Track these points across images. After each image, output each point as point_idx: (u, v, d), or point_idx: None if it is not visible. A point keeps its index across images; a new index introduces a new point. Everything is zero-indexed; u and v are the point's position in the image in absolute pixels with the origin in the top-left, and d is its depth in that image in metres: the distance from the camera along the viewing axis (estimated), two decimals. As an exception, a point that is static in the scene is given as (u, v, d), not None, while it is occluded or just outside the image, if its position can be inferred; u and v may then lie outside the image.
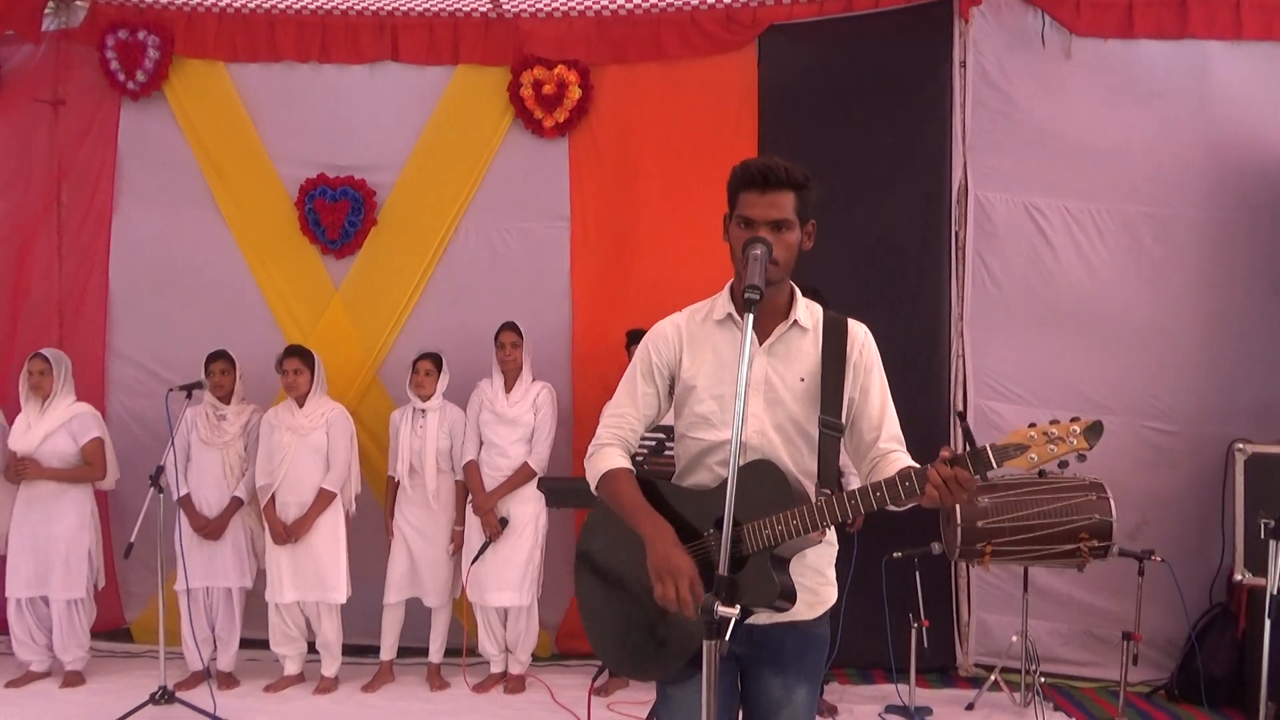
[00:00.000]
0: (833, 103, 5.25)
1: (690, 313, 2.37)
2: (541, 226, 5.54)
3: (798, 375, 2.25)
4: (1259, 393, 5.02)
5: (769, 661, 2.26)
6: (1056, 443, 1.91)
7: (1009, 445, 1.93)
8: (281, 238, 5.50)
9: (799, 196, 2.18)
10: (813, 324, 2.29)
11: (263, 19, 5.48)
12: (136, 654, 5.40)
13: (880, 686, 4.94)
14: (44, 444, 4.84)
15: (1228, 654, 4.79)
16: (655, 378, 2.33)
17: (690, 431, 2.29)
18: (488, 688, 4.96)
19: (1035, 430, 1.93)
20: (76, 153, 5.59)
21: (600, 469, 2.30)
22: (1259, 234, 5.07)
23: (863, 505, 2.03)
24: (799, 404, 2.24)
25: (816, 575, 2.29)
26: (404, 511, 5.02)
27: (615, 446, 2.33)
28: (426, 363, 5.02)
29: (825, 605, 2.32)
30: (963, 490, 1.93)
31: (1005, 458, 1.92)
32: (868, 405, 2.28)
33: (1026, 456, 1.92)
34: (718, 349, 2.28)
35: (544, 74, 5.34)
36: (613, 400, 2.38)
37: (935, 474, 1.94)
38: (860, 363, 2.28)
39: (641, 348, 2.37)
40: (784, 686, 2.26)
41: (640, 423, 2.34)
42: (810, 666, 2.31)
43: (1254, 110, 5.05)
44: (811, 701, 2.30)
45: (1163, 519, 5.00)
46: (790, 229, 2.17)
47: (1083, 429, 1.91)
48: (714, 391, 2.25)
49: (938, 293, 5.23)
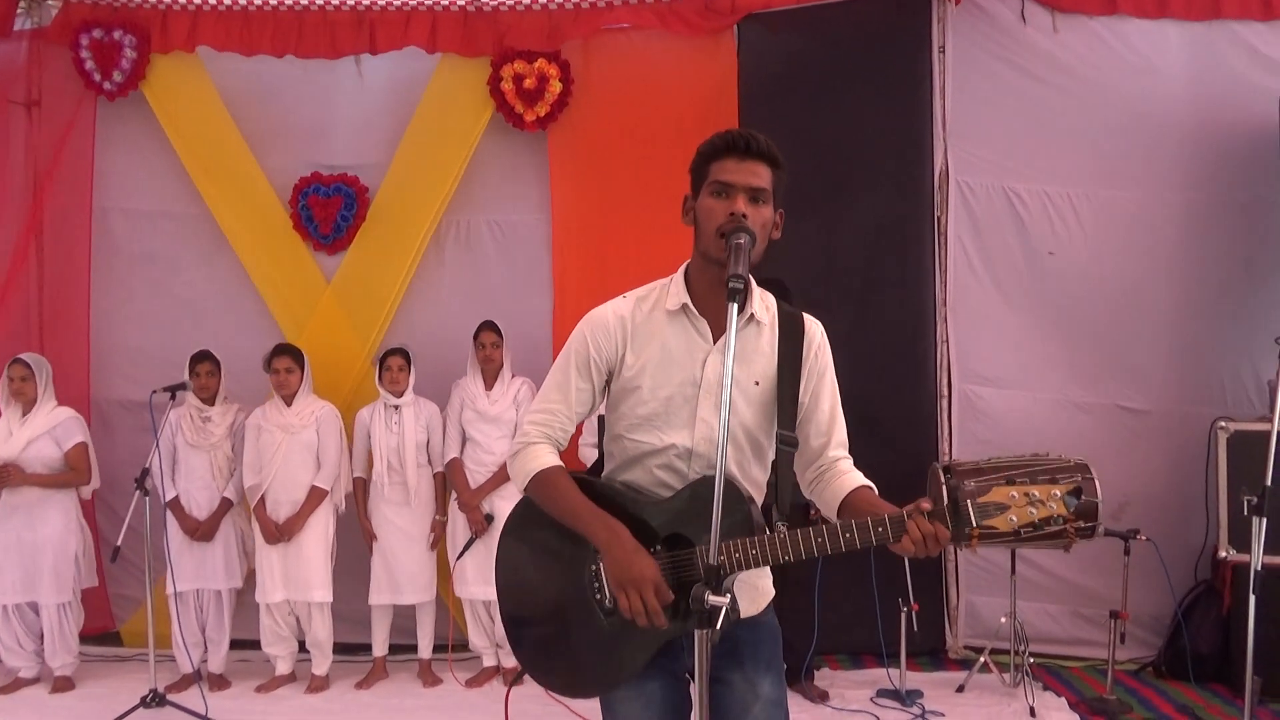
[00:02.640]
0: (813, 90, 5.25)
1: (636, 300, 2.15)
2: (523, 219, 5.54)
3: (753, 378, 2.07)
4: (1239, 371, 5.07)
5: (725, 662, 2.08)
6: (1037, 505, 1.90)
7: (990, 504, 1.90)
8: (271, 234, 5.46)
9: (776, 175, 2.03)
10: (769, 319, 2.11)
11: (239, 15, 5.43)
12: (126, 658, 5.37)
13: (871, 671, 4.97)
14: (27, 450, 4.79)
15: (1213, 630, 4.84)
16: (591, 372, 2.12)
17: (630, 433, 2.10)
18: (481, 682, 4.97)
19: (1016, 490, 1.90)
20: (53, 154, 5.53)
21: (530, 469, 2.09)
22: (1236, 214, 5.11)
23: (830, 545, 1.89)
24: (751, 409, 2.07)
25: (752, 571, 2.08)
26: (382, 510, 5.00)
27: (545, 444, 2.12)
28: (397, 359, 5.00)
29: (767, 597, 2.19)
30: (939, 547, 1.88)
31: (985, 516, 1.90)
32: (818, 410, 2.13)
33: (1006, 517, 1.90)
34: (667, 344, 2.07)
35: (524, 68, 5.32)
36: (540, 393, 2.18)
37: (915, 529, 1.87)
38: (815, 366, 2.12)
39: (577, 336, 2.15)
40: (746, 681, 2.09)
41: (571, 421, 2.14)
42: (767, 655, 2.14)
43: (1230, 92, 5.08)
44: (780, 695, 2.13)
45: (1147, 498, 5.04)
46: (766, 203, 2.01)
47: (1062, 495, 1.91)
48: (660, 393, 2.05)
49: (921, 278, 5.25)
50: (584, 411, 2.16)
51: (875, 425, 4.48)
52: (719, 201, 2.01)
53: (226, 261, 5.50)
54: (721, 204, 2.00)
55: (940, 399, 5.23)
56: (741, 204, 1.99)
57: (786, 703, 2.17)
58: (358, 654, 5.22)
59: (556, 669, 2.14)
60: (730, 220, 1.98)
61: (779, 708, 2.12)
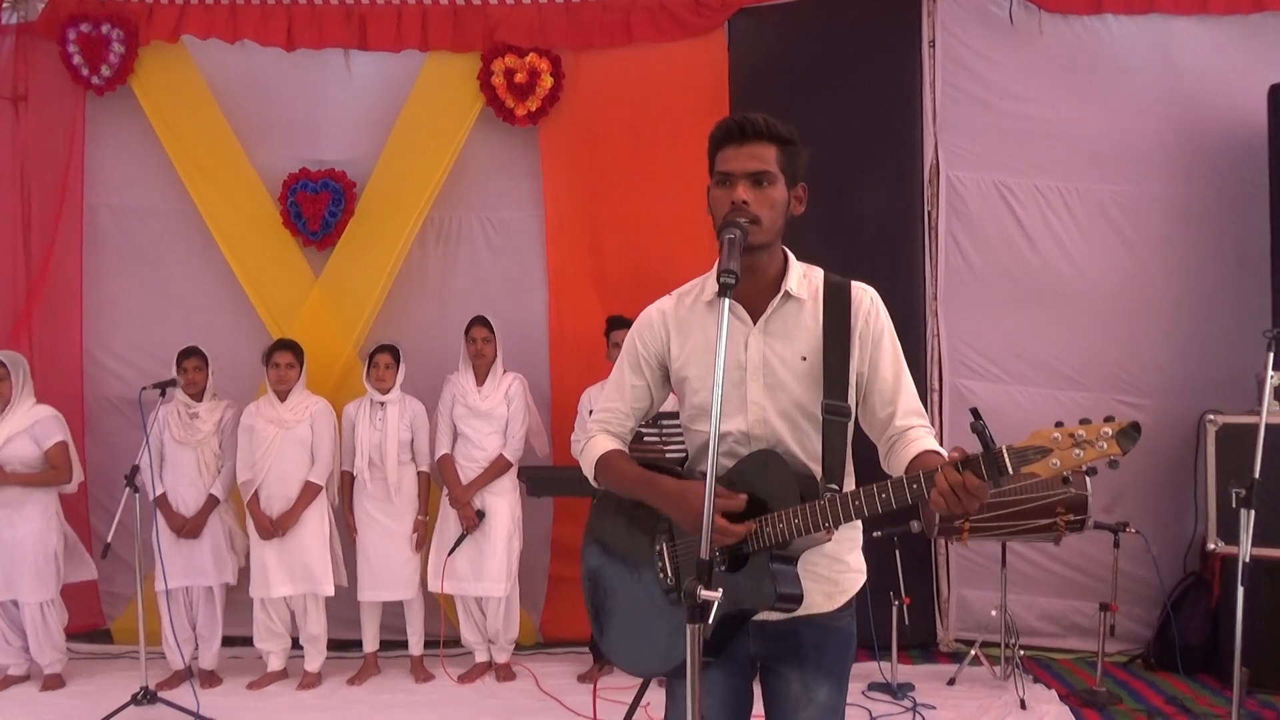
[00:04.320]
0: (803, 85, 5.25)
1: (679, 296, 2.19)
2: (515, 215, 5.54)
3: (798, 353, 2.04)
4: (1228, 365, 5.08)
5: (786, 658, 2.09)
6: (1084, 446, 1.65)
7: (1028, 448, 1.68)
8: (260, 229, 5.44)
9: (783, 151, 2.02)
10: (810, 292, 2.08)
11: (226, 9, 5.41)
12: (117, 655, 5.35)
13: (863, 664, 4.95)
14: (5, 448, 4.74)
15: (1202, 622, 4.87)
16: (644, 369, 2.18)
17: (692, 423, 2.14)
18: (473, 678, 4.96)
19: (1060, 432, 1.67)
20: (42, 149, 5.50)
21: (594, 456, 2.19)
22: (1225, 207, 5.13)
23: (867, 508, 1.84)
24: (802, 386, 2.04)
25: (834, 563, 2.09)
26: (364, 505, 4.99)
27: (604, 435, 2.22)
28: (386, 355, 4.99)
29: (846, 595, 2.12)
30: (974, 499, 1.71)
31: (1024, 462, 1.68)
32: (878, 379, 2.06)
33: (1048, 462, 1.66)
34: (708, 333, 2.07)
35: (515, 62, 5.31)
36: (603, 394, 2.27)
37: (942, 480, 1.73)
38: (867, 333, 2.06)
39: (629, 338, 2.22)
40: (803, 684, 2.07)
41: (631, 417, 2.22)
42: (831, 662, 2.10)
43: (1220, 85, 5.10)
44: (836, 703, 2.09)
45: (1137, 491, 5.07)
46: (773, 183, 2.00)
47: (1116, 431, 1.63)
48: (708, 380, 2.04)
49: (911, 273, 5.26)
50: (642, 408, 2.23)
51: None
52: (723, 191, 2.02)
53: (217, 257, 5.48)
54: (725, 193, 2.01)
55: (931, 393, 5.24)
56: (742, 191, 1.99)
57: (844, 710, 2.13)
58: (349, 650, 5.21)
59: (628, 649, 2.18)
60: (731, 211, 1.98)
61: (833, 714, 2.10)
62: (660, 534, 2.11)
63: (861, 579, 2.17)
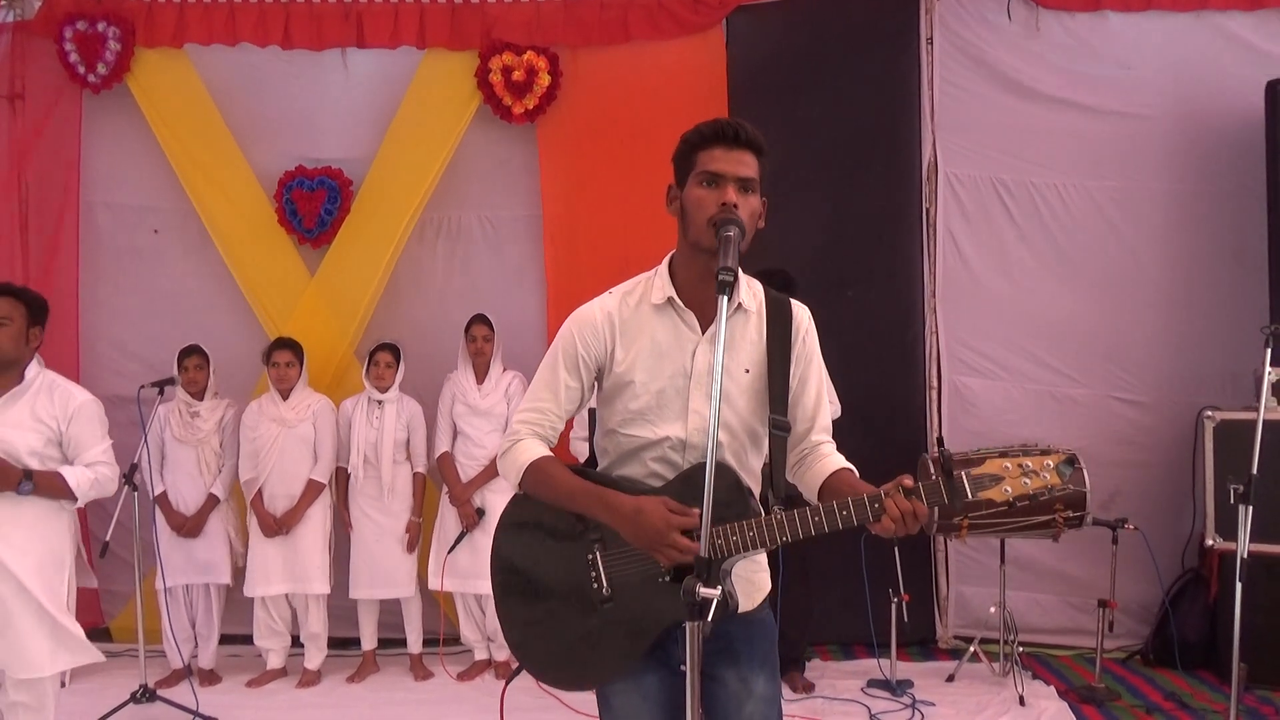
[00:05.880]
0: (801, 83, 5.25)
1: (621, 296, 2.15)
2: (513, 213, 5.53)
3: (743, 366, 2.06)
4: (1226, 361, 5.09)
5: (718, 658, 2.07)
6: (1030, 476, 1.86)
7: (985, 475, 1.86)
8: (255, 227, 5.43)
9: (762, 162, 2.03)
10: (756, 306, 2.10)
11: (224, 8, 5.40)
12: (116, 653, 5.32)
13: (862, 661, 4.99)
14: None
15: (1201, 618, 4.88)
16: (580, 370, 2.12)
17: (623, 428, 2.09)
18: (472, 675, 4.97)
19: (1010, 462, 1.87)
20: (38, 148, 5.49)
21: (522, 462, 2.09)
22: (1222, 204, 5.14)
23: (826, 524, 1.89)
24: (744, 397, 2.06)
25: (750, 564, 2.12)
26: (359, 504, 4.99)
27: (533, 439, 2.12)
28: (386, 354, 4.99)
29: (762, 592, 2.17)
30: (917, 524, 1.85)
31: (980, 488, 1.86)
32: (805, 396, 2.13)
33: (1001, 488, 1.86)
34: (655, 338, 2.06)
35: (513, 60, 5.30)
36: (529, 391, 2.17)
37: (893, 506, 1.84)
38: (803, 352, 2.12)
39: (565, 334, 2.15)
40: (739, 679, 2.08)
41: (560, 419, 2.14)
42: (762, 653, 2.12)
43: (1217, 81, 5.11)
44: (774, 692, 2.13)
45: (1135, 488, 5.08)
46: (754, 193, 2.01)
47: (1056, 464, 1.85)
48: (652, 386, 2.05)
49: (910, 270, 5.26)
50: (572, 409, 2.16)
51: (864, 417, 4.50)
52: (709, 191, 1.99)
53: (214, 256, 5.47)
54: (712, 194, 1.98)
55: (930, 390, 5.25)
56: (732, 194, 1.97)
57: (780, 699, 2.17)
58: (349, 648, 5.22)
59: (554, 663, 2.13)
60: (722, 211, 1.96)
61: (772, 705, 2.12)
62: (592, 542, 2.05)
63: (768, 577, 2.19)
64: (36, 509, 3.42)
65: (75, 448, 3.49)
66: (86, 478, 3.45)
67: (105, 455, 3.53)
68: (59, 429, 3.46)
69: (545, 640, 2.12)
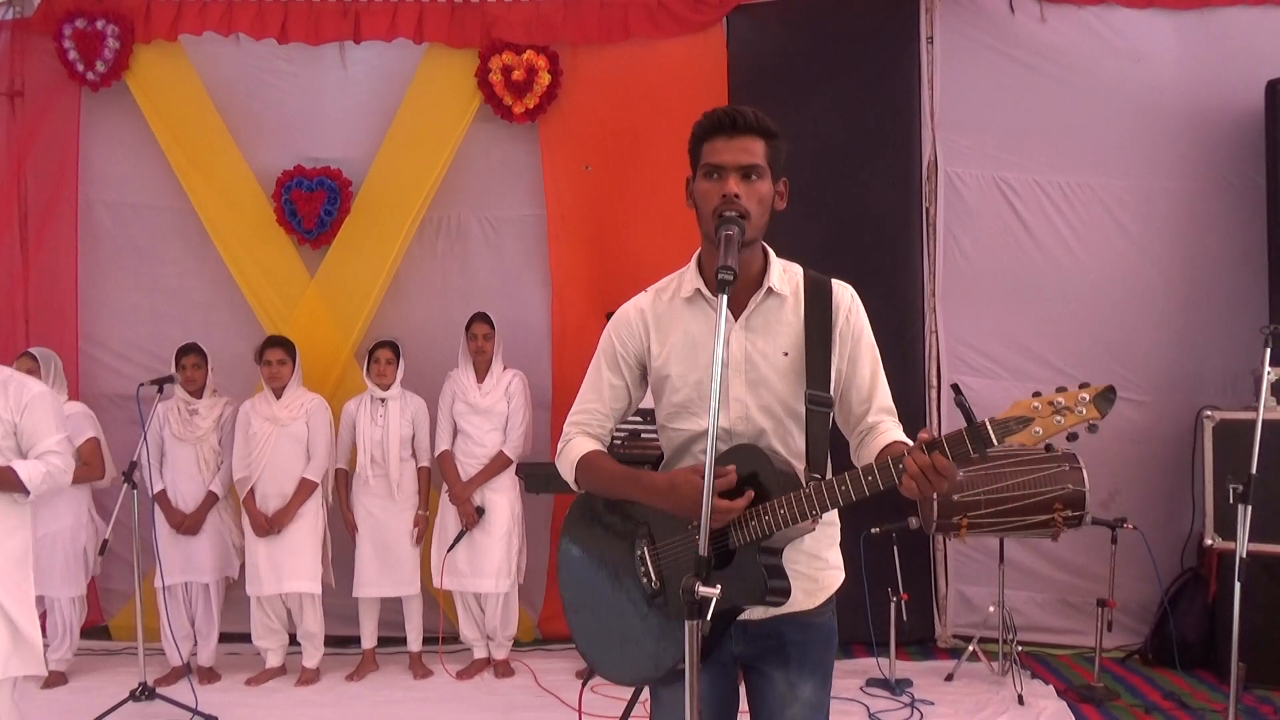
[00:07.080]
0: (801, 82, 5.24)
1: (655, 292, 2.16)
2: (515, 213, 5.53)
3: (780, 349, 2.05)
4: (1227, 361, 5.09)
5: (770, 657, 2.08)
6: (1064, 413, 1.68)
7: (1010, 419, 1.72)
8: (254, 227, 5.43)
9: (770, 145, 2.00)
10: (792, 289, 2.09)
11: (222, 5, 5.39)
12: (115, 651, 5.36)
13: (861, 660, 4.99)
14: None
15: (1199, 617, 4.88)
16: (622, 368, 2.15)
17: (670, 422, 2.11)
18: (471, 674, 4.97)
19: (1040, 400, 1.71)
20: (37, 145, 5.49)
21: (573, 458, 2.14)
22: (1223, 202, 5.13)
23: (854, 491, 1.86)
24: (784, 381, 2.03)
25: (813, 560, 2.08)
26: (364, 503, 4.99)
27: (583, 437, 2.17)
28: (386, 351, 4.98)
29: (827, 592, 2.12)
30: (942, 479, 1.74)
31: (1007, 433, 1.72)
32: (857, 376, 2.09)
33: (1030, 430, 1.70)
34: (689, 330, 2.07)
35: (513, 59, 5.30)
36: (579, 394, 2.21)
37: (911, 463, 1.76)
38: (848, 330, 2.09)
39: (605, 336, 2.17)
40: (787, 682, 2.07)
41: (609, 417, 2.17)
42: (814, 659, 2.09)
43: (1218, 79, 5.10)
44: (821, 699, 2.09)
45: (1134, 487, 5.07)
46: (762, 177, 1.99)
47: (1093, 396, 1.67)
48: (689, 378, 2.05)
49: (910, 269, 5.26)
50: (620, 408, 2.19)
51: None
52: (712, 183, 2.00)
53: (213, 254, 5.47)
54: (714, 186, 1.99)
55: (930, 389, 5.25)
56: (733, 184, 1.97)
57: (828, 707, 2.13)
58: (348, 647, 5.22)
59: (613, 659, 2.14)
60: (723, 203, 1.96)
61: (818, 711, 2.10)
62: (640, 538, 2.09)
63: (840, 575, 2.16)
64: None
65: (29, 439, 3.30)
66: (39, 471, 3.26)
67: (59, 446, 3.34)
68: (13, 420, 3.29)
69: (605, 638, 2.15)
